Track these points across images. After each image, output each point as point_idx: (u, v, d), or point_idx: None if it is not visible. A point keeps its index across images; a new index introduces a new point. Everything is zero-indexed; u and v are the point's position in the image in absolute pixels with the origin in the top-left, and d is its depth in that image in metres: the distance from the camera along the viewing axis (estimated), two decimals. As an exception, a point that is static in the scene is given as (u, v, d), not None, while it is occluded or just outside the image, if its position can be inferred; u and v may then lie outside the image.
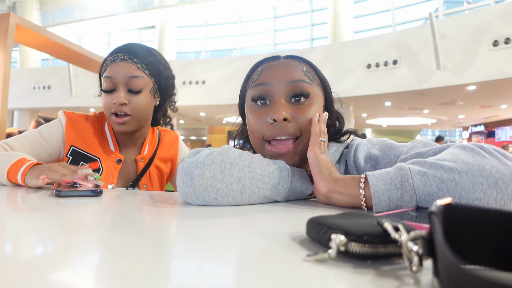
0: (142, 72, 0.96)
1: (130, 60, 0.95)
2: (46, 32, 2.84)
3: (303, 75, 0.69)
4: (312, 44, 11.30)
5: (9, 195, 0.73)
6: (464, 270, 0.18)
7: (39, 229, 0.43)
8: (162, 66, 1.01)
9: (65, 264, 0.28)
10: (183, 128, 17.72)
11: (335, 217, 0.34)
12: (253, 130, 0.70)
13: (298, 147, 0.68)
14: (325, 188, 0.57)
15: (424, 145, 0.63)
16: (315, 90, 0.70)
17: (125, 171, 1.06)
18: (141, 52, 0.98)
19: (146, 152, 1.09)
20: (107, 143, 1.03)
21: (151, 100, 1.01)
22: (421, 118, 11.56)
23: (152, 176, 1.09)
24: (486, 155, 0.50)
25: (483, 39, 6.26)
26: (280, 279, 0.25)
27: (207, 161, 0.57)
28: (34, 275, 0.25)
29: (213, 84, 9.22)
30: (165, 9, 11.91)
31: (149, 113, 1.03)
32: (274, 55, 0.75)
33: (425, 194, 0.49)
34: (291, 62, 0.71)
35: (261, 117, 0.68)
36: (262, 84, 0.69)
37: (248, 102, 0.72)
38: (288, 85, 0.68)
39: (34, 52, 12.59)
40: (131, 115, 0.96)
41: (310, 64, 0.74)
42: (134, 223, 0.46)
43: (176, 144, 1.19)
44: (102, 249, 0.32)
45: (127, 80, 0.95)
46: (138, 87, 0.96)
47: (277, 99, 0.68)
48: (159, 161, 1.12)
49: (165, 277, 0.26)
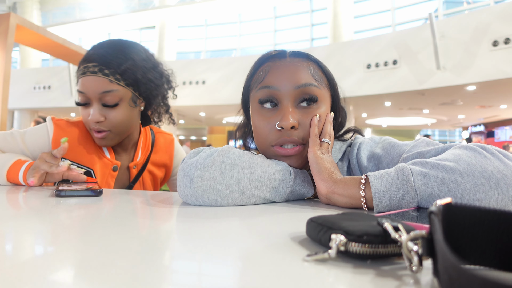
0: (116, 85, 0.87)
1: (101, 73, 0.86)
2: (46, 32, 2.84)
3: (310, 77, 0.66)
4: (312, 44, 11.30)
5: (9, 195, 0.73)
6: (464, 270, 0.18)
7: (39, 229, 0.43)
8: (141, 70, 0.91)
9: (65, 264, 0.28)
10: (183, 128, 17.72)
11: (335, 217, 0.34)
12: (260, 134, 0.68)
13: (304, 152, 0.66)
14: (325, 189, 0.57)
15: (426, 144, 0.62)
16: (323, 92, 0.68)
17: (118, 178, 1.01)
18: (114, 60, 0.87)
19: (139, 158, 1.04)
20: (101, 149, 0.97)
21: (130, 111, 0.92)
22: (421, 118, 11.55)
23: (146, 182, 1.05)
24: (488, 156, 0.50)
25: (483, 39, 6.26)
26: (280, 279, 0.25)
27: (207, 162, 0.57)
28: (34, 275, 0.25)
29: (213, 84, 9.21)
30: (165, 9, 11.91)
31: (131, 124, 0.95)
32: (280, 51, 0.71)
33: (427, 195, 0.49)
34: (298, 62, 0.68)
35: (269, 121, 0.66)
36: (269, 87, 0.66)
37: (254, 104, 0.70)
38: (296, 89, 0.65)
39: (34, 52, 12.60)
40: (109, 131, 0.90)
41: (318, 62, 0.71)
42: (134, 223, 0.46)
43: (171, 148, 1.13)
44: (102, 249, 0.32)
45: (100, 96, 0.87)
46: (113, 101, 0.88)
47: (285, 104, 0.65)
48: (152, 166, 1.07)
49: (165, 277, 0.26)
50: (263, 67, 0.70)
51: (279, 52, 0.71)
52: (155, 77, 0.96)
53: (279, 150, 0.65)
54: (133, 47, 0.94)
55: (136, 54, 0.92)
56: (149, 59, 0.96)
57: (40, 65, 13.11)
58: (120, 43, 0.93)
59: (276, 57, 0.70)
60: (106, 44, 0.92)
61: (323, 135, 0.66)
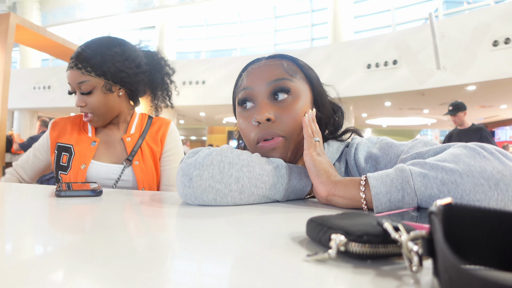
0: (87, 76, 1.06)
1: (76, 67, 1.06)
2: (46, 32, 2.84)
3: (283, 72, 0.69)
4: (312, 44, 11.30)
5: (9, 195, 0.73)
6: (464, 270, 0.18)
7: (39, 229, 0.43)
8: (109, 63, 1.07)
9: (65, 264, 0.28)
10: (183, 128, 17.72)
11: (335, 217, 0.34)
12: (244, 134, 0.71)
13: (287, 145, 0.67)
14: (324, 192, 0.57)
15: (424, 144, 0.62)
16: (297, 85, 0.69)
17: (111, 150, 1.14)
18: (86, 56, 1.06)
19: (132, 131, 1.18)
20: (86, 130, 1.17)
21: (106, 96, 1.09)
22: (421, 118, 11.56)
23: (145, 154, 1.14)
24: (487, 156, 0.50)
25: (483, 39, 6.26)
26: (280, 279, 0.25)
27: (205, 162, 0.57)
28: (34, 275, 0.25)
29: (213, 84, 9.21)
30: (165, 9, 11.91)
31: (112, 106, 1.12)
32: (258, 58, 0.76)
33: (426, 196, 0.49)
34: (271, 62, 0.71)
35: (248, 121, 0.69)
36: (245, 88, 0.70)
37: (237, 108, 0.73)
38: (268, 86, 0.68)
39: (34, 52, 12.59)
40: (92, 114, 1.10)
41: (293, 59, 0.74)
42: (133, 223, 0.46)
43: (167, 127, 1.23)
44: (102, 249, 0.32)
45: (77, 86, 1.07)
46: (87, 89, 1.07)
47: (260, 101, 0.68)
48: (150, 140, 1.18)
49: (165, 277, 0.26)
50: (244, 73, 0.74)
51: (257, 58, 0.76)
52: (126, 67, 1.11)
53: (262, 144, 0.67)
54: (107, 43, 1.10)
55: (108, 49, 1.09)
56: (124, 52, 1.11)
57: (40, 65, 13.11)
58: (96, 41, 1.11)
59: (254, 63, 0.74)
60: (86, 43, 1.11)
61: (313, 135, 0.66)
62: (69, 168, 1.08)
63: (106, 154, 1.13)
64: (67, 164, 1.09)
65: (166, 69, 1.28)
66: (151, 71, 1.23)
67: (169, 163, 1.18)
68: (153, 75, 1.24)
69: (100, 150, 1.13)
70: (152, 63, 1.24)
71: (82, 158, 1.09)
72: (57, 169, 1.11)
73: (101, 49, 1.08)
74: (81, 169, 1.07)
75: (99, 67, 1.06)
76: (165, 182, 1.17)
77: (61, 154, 1.12)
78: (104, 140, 1.15)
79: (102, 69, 1.07)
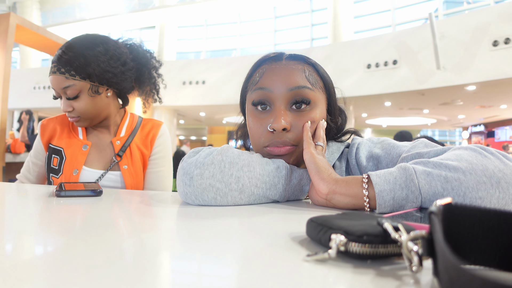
0: (72, 80, 1.00)
1: (58, 72, 1.00)
2: (46, 32, 2.84)
3: (305, 80, 0.67)
4: (312, 44, 11.30)
5: (9, 195, 0.73)
6: (464, 270, 0.18)
7: (39, 229, 0.43)
8: (93, 64, 1.01)
9: (65, 264, 0.28)
10: (183, 128, 17.72)
11: (335, 217, 0.34)
12: (253, 135, 0.69)
13: (294, 152, 0.67)
14: (325, 189, 0.55)
15: (425, 145, 0.63)
16: (317, 95, 0.68)
17: (102, 154, 1.11)
18: (68, 60, 1.00)
19: (122, 134, 1.14)
20: (76, 132, 1.13)
21: (93, 99, 1.04)
22: (421, 118, 11.55)
23: (134, 156, 1.11)
24: (488, 155, 0.50)
25: (483, 39, 6.26)
26: (280, 279, 0.25)
27: (206, 161, 0.57)
28: (34, 275, 0.25)
29: (213, 84, 9.21)
30: (165, 9, 11.91)
31: (100, 108, 1.07)
32: (277, 54, 0.72)
33: (430, 194, 0.49)
34: (293, 65, 0.68)
35: (261, 123, 0.67)
36: (263, 88, 0.67)
37: (248, 105, 0.71)
38: (289, 92, 0.66)
39: (34, 52, 12.59)
40: (79, 117, 1.05)
41: (314, 65, 0.71)
42: (133, 223, 0.46)
43: (157, 129, 1.19)
44: (102, 249, 0.32)
45: (62, 91, 1.02)
46: (73, 94, 1.02)
47: (277, 106, 0.66)
48: (139, 142, 1.14)
49: (165, 277, 0.26)
50: (259, 69, 0.71)
51: (276, 55, 0.71)
52: (112, 66, 1.05)
53: (271, 149, 0.66)
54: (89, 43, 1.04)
55: (90, 49, 1.02)
56: (108, 51, 1.05)
57: (40, 65, 13.10)
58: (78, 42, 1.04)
59: (272, 60, 0.70)
60: (66, 44, 1.04)
61: (317, 139, 0.66)
62: (61, 172, 1.06)
63: (97, 159, 1.10)
64: (58, 168, 1.07)
65: (153, 62, 1.23)
66: (137, 66, 1.17)
67: (154, 166, 1.14)
68: (139, 70, 1.18)
69: (91, 155, 1.10)
70: (138, 58, 1.18)
71: (74, 163, 1.07)
72: (48, 171, 1.09)
73: (83, 50, 1.02)
74: (73, 174, 1.04)
75: (83, 70, 1.00)
76: (147, 186, 1.14)
77: (52, 156, 1.09)
78: (95, 143, 1.12)
79: (86, 71, 1.01)
